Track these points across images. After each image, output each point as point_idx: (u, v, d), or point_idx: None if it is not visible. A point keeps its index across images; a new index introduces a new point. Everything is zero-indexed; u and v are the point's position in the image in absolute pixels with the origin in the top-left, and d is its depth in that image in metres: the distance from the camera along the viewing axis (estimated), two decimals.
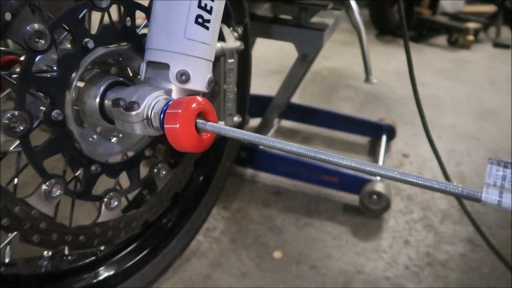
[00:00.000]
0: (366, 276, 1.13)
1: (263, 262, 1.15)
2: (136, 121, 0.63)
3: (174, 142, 0.54)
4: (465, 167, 1.67)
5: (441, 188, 0.40)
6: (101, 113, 0.71)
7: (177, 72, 0.65)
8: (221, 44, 0.85)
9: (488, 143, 1.87)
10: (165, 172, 0.88)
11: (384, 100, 2.25)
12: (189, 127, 0.52)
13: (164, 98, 0.65)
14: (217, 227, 1.27)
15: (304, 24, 1.33)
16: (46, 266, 0.77)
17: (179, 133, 0.52)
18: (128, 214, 0.85)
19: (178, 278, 1.09)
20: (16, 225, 0.66)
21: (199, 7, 0.65)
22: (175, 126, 0.51)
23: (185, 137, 0.52)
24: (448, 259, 1.20)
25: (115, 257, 0.91)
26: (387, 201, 1.31)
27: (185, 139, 0.52)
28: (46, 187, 0.68)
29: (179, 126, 0.51)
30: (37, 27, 0.60)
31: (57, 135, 0.67)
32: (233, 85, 0.91)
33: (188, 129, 0.52)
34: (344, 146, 1.80)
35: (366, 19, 3.33)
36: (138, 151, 0.82)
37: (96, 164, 0.74)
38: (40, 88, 0.63)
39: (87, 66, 0.68)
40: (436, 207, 1.41)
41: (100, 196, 0.77)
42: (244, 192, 1.44)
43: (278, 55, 2.80)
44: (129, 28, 0.72)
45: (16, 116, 0.61)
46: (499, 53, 3.26)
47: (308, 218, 1.33)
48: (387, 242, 1.25)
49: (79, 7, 0.64)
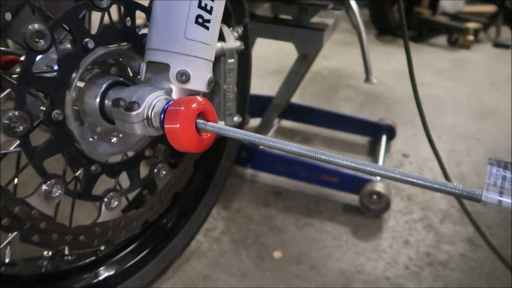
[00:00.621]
0: (366, 276, 1.13)
1: (263, 262, 1.15)
2: (136, 121, 0.63)
3: (174, 142, 0.54)
4: (465, 167, 1.67)
5: (441, 188, 0.40)
6: (101, 113, 0.71)
7: (177, 72, 0.65)
8: (221, 44, 0.85)
9: (488, 143, 1.87)
10: (165, 172, 0.88)
11: (384, 100, 2.25)
12: (189, 127, 0.52)
13: (164, 98, 0.65)
14: (217, 227, 1.27)
15: (304, 24, 1.33)
16: (46, 266, 0.77)
17: (179, 133, 0.52)
18: (128, 214, 0.85)
19: (178, 278, 1.09)
20: (16, 225, 0.66)
21: (199, 7, 0.65)
22: (175, 126, 0.51)
23: (185, 137, 0.52)
24: (448, 259, 1.20)
25: (115, 257, 0.91)
26: (387, 201, 1.31)
27: (185, 139, 0.52)
28: (46, 187, 0.68)
29: (179, 126, 0.51)
30: (37, 27, 0.60)
31: (57, 135, 0.67)
32: (233, 85, 0.91)
33: (188, 129, 0.52)
34: (344, 146, 1.80)
35: (366, 19, 3.33)
36: (138, 151, 0.82)
37: (96, 164, 0.74)
38: (40, 88, 0.63)
39: (87, 66, 0.69)
40: (436, 207, 1.41)
41: (100, 196, 0.77)
42: (244, 192, 1.44)
43: (278, 55, 2.80)
44: (129, 28, 0.72)
45: (16, 116, 0.61)
46: (499, 53, 3.26)
47: (308, 218, 1.33)
48: (387, 242, 1.25)
49: (79, 7, 0.64)
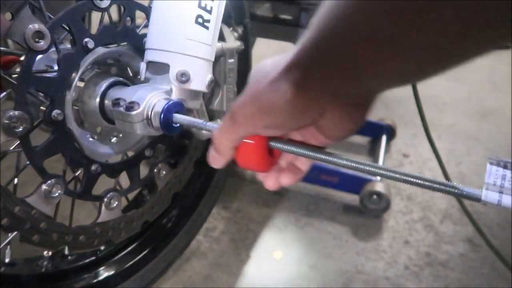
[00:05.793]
0: (366, 276, 1.13)
1: (263, 262, 1.15)
2: (136, 121, 0.63)
3: (243, 158, 0.48)
4: (465, 167, 1.67)
5: (441, 188, 0.40)
6: (101, 113, 0.71)
7: (177, 72, 0.65)
8: (221, 44, 0.85)
9: (488, 143, 1.87)
10: (165, 172, 0.88)
11: (384, 100, 2.25)
12: (262, 143, 0.47)
13: (164, 98, 0.65)
14: (217, 227, 1.27)
15: (304, 24, 1.33)
16: (46, 266, 0.77)
17: (252, 149, 0.46)
18: (128, 214, 0.85)
19: (178, 278, 1.09)
20: (16, 225, 0.66)
21: (199, 7, 0.65)
22: (250, 142, 0.47)
23: (257, 154, 0.48)
24: (448, 259, 1.20)
25: (115, 257, 0.91)
26: (387, 201, 1.31)
27: (257, 156, 0.48)
28: (46, 187, 0.68)
29: (255, 141, 0.46)
30: (37, 27, 0.60)
31: (57, 135, 0.67)
32: (233, 85, 0.91)
33: (261, 145, 0.48)
34: (344, 146, 1.79)
35: None
36: (138, 151, 0.82)
37: (96, 164, 0.74)
38: (40, 88, 0.63)
39: (87, 66, 0.69)
40: (436, 207, 1.41)
41: (100, 196, 0.77)
42: (244, 192, 1.44)
43: None
44: (129, 28, 0.72)
45: (16, 116, 0.61)
46: (499, 53, 3.25)
47: (308, 218, 1.33)
48: (387, 242, 1.25)
49: (79, 7, 0.65)
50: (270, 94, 0.41)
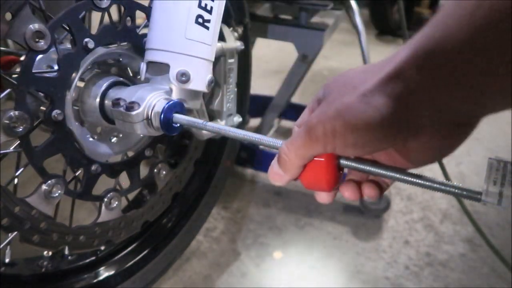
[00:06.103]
0: (366, 276, 1.13)
1: (263, 262, 1.15)
2: (137, 121, 0.63)
3: (311, 177, 0.45)
4: (465, 167, 1.67)
5: (441, 188, 0.40)
6: (101, 113, 0.71)
7: (177, 72, 0.65)
8: (221, 44, 0.85)
9: (488, 143, 1.87)
10: (165, 172, 0.88)
11: None
12: (333, 161, 0.45)
13: (164, 98, 0.65)
14: (217, 227, 1.27)
15: (304, 24, 1.33)
16: (46, 266, 0.77)
17: (324, 168, 0.43)
18: (128, 214, 0.85)
19: (178, 278, 1.09)
20: (16, 225, 0.66)
21: (199, 7, 0.65)
22: (321, 160, 0.44)
23: (329, 174, 0.43)
24: (448, 259, 1.20)
25: (115, 257, 0.91)
26: (387, 201, 1.31)
27: (329, 176, 0.45)
28: (46, 187, 0.68)
29: (325, 159, 0.42)
30: (37, 27, 0.60)
31: (57, 135, 0.67)
32: (233, 85, 0.91)
33: (333, 163, 0.46)
34: None
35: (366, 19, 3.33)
36: (138, 151, 0.82)
37: (96, 164, 0.74)
38: (40, 88, 0.63)
39: (87, 66, 0.69)
40: (436, 207, 1.41)
41: (100, 196, 0.77)
42: (244, 192, 1.44)
43: (278, 55, 2.80)
44: (129, 28, 0.72)
45: (16, 116, 0.61)
46: None
47: (308, 218, 1.33)
48: (387, 242, 1.25)
49: (79, 7, 0.64)
50: (361, 109, 0.35)
